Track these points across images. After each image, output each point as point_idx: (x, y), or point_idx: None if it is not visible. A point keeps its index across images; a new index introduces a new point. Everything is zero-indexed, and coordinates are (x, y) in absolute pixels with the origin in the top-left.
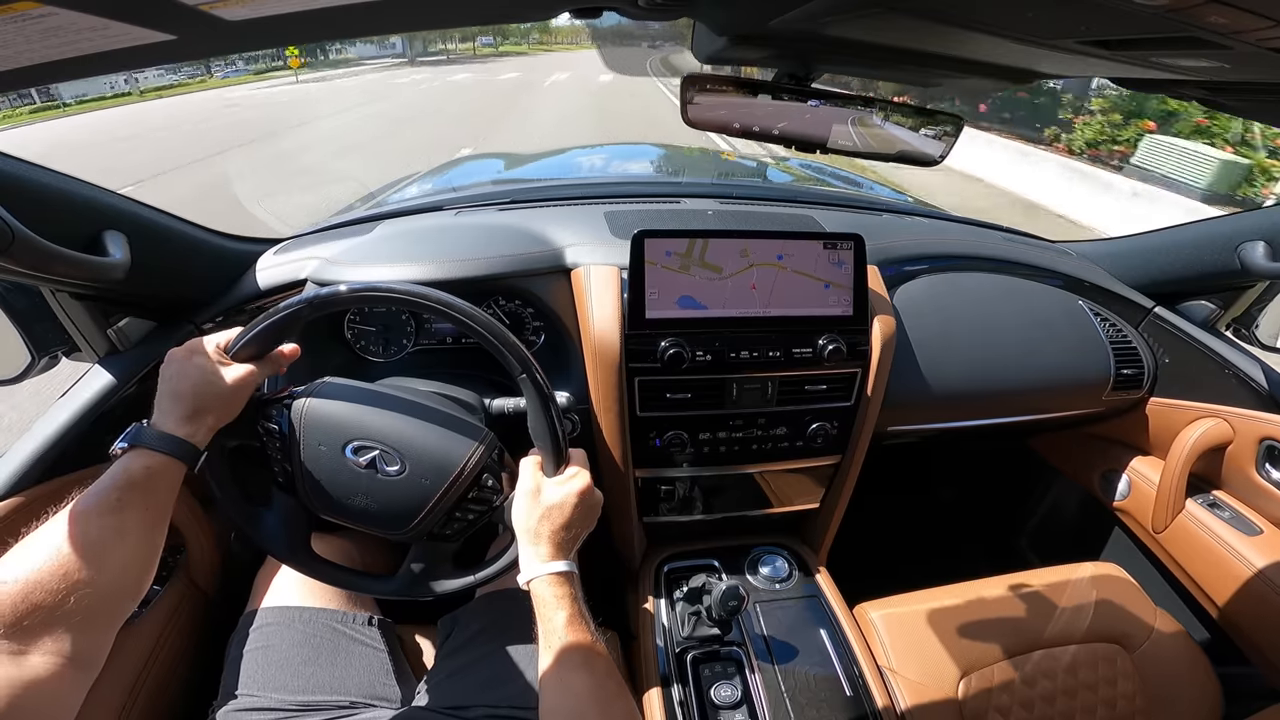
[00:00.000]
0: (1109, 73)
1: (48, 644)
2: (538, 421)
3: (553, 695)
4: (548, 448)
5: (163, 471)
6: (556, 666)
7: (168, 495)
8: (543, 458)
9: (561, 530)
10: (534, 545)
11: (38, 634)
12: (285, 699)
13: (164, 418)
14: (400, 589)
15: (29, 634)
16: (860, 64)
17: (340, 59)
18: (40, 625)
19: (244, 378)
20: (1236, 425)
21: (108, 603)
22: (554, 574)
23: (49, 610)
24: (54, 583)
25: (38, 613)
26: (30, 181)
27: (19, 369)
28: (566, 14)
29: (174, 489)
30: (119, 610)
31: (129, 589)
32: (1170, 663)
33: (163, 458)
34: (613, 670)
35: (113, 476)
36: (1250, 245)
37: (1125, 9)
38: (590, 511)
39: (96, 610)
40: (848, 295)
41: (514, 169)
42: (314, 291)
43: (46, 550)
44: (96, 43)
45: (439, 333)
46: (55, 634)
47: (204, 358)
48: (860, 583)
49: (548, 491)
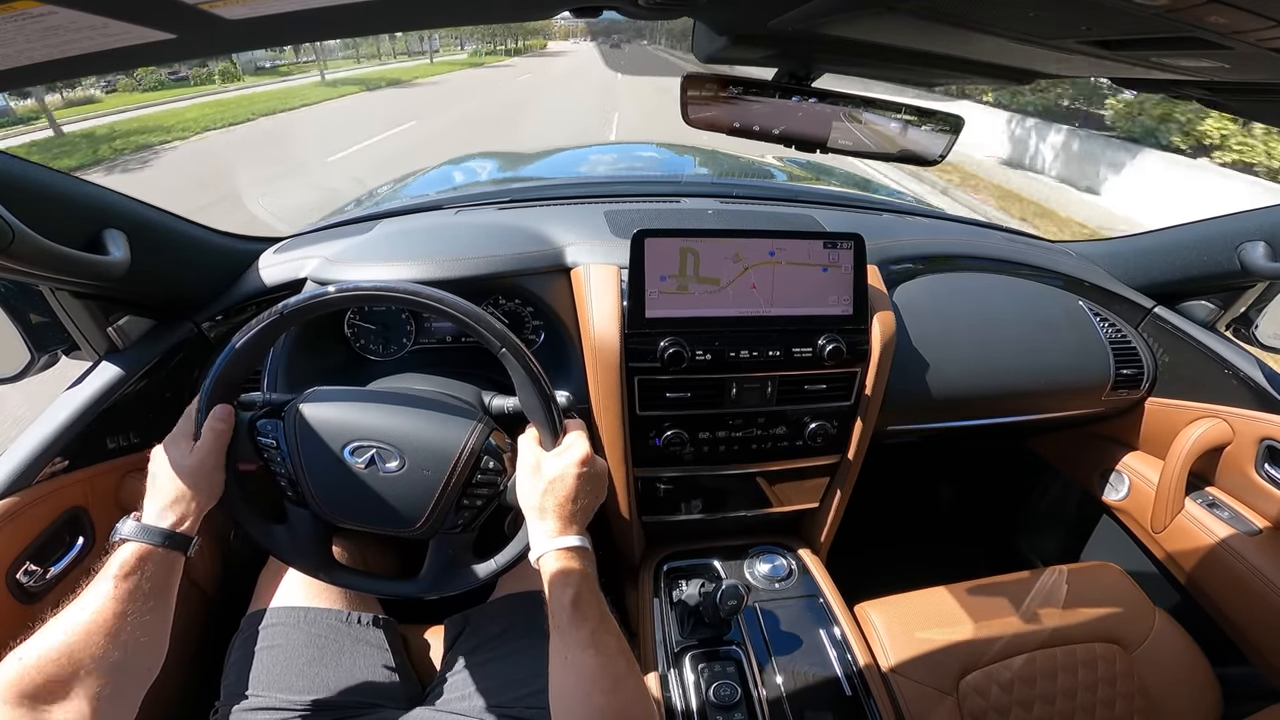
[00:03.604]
0: (1109, 73)
1: (66, 708)
2: (527, 395)
3: (560, 674)
4: (541, 420)
5: (155, 560)
6: (563, 644)
7: (166, 578)
8: (539, 432)
9: (568, 503)
10: (541, 521)
11: (55, 701)
12: (291, 699)
13: (150, 510)
14: (428, 587)
15: (48, 701)
16: (860, 64)
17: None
18: (58, 694)
19: (201, 460)
20: (1236, 425)
21: (118, 675)
22: (563, 549)
23: (63, 683)
24: (63, 661)
25: (51, 684)
26: (30, 180)
27: (18, 367)
28: (567, 12)
29: (173, 571)
30: (132, 680)
31: (139, 661)
32: (1169, 663)
33: (150, 548)
34: (623, 649)
35: (108, 568)
36: (1250, 245)
37: (1126, 9)
38: (594, 480)
39: (107, 681)
40: (848, 295)
41: (514, 168)
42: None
43: (56, 634)
44: (96, 41)
45: (438, 332)
46: (73, 702)
47: (172, 447)
48: (860, 582)
49: (547, 465)
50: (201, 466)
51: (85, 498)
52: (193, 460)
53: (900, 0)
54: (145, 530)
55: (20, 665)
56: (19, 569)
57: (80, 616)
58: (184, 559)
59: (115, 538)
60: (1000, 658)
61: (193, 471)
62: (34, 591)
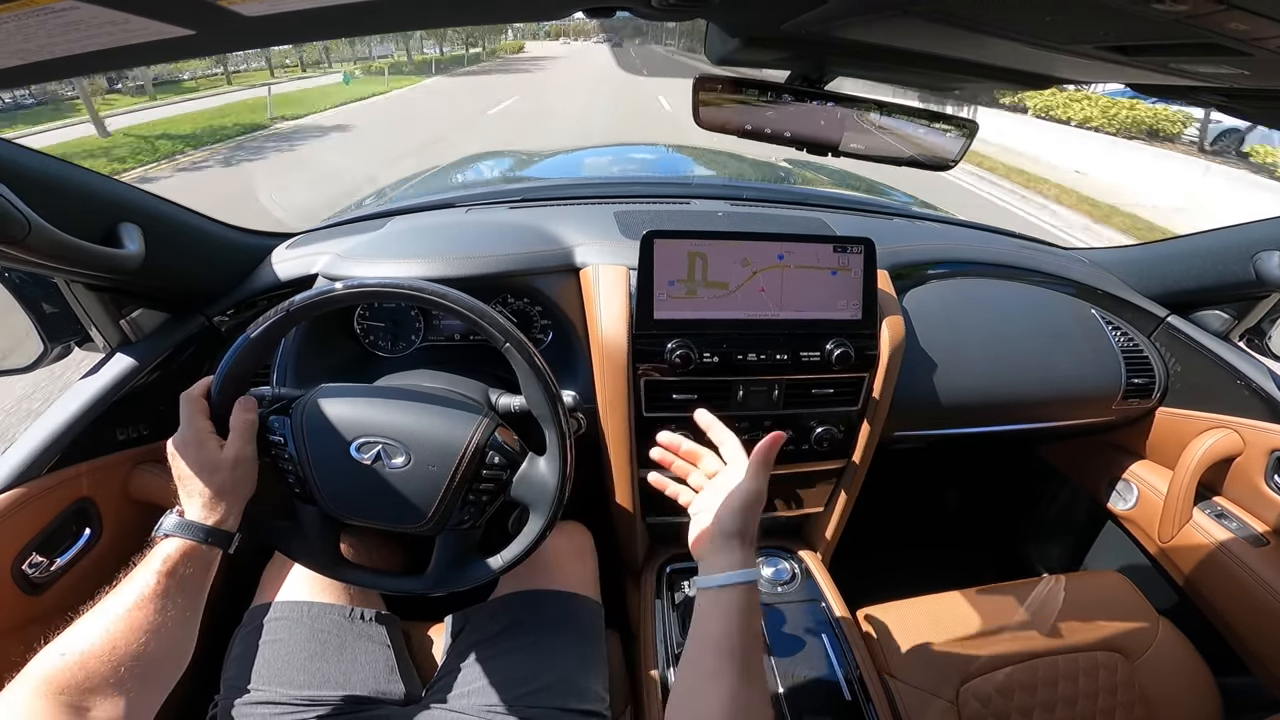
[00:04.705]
0: (1126, 78)
1: (104, 705)
2: (532, 392)
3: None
4: (544, 410)
5: (198, 556)
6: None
7: (204, 574)
8: (544, 429)
9: (753, 527)
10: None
11: (94, 697)
12: (292, 694)
13: (190, 508)
14: (433, 584)
15: (87, 696)
16: (874, 68)
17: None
18: (98, 690)
19: (239, 451)
20: (1247, 436)
21: (154, 669)
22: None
23: (103, 678)
24: (104, 655)
25: (92, 679)
26: (47, 173)
27: (32, 358)
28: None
29: (210, 568)
30: (166, 676)
31: (174, 656)
32: (1171, 672)
33: (195, 545)
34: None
35: (150, 562)
36: (1266, 255)
37: (1144, 15)
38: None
39: (145, 677)
40: (857, 299)
41: (525, 167)
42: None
43: (97, 628)
44: (116, 37)
45: (447, 329)
46: (111, 697)
47: (198, 448)
48: (863, 587)
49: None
50: (239, 459)
51: (93, 489)
52: (229, 454)
53: (914, 4)
54: (189, 526)
55: (63, 660)
56: (25, 559)
57: (121, 611)
58: (221, 555)
59: (158, 533)
60: (1001, 665)
61: (232, 466)
62: (39, 583)
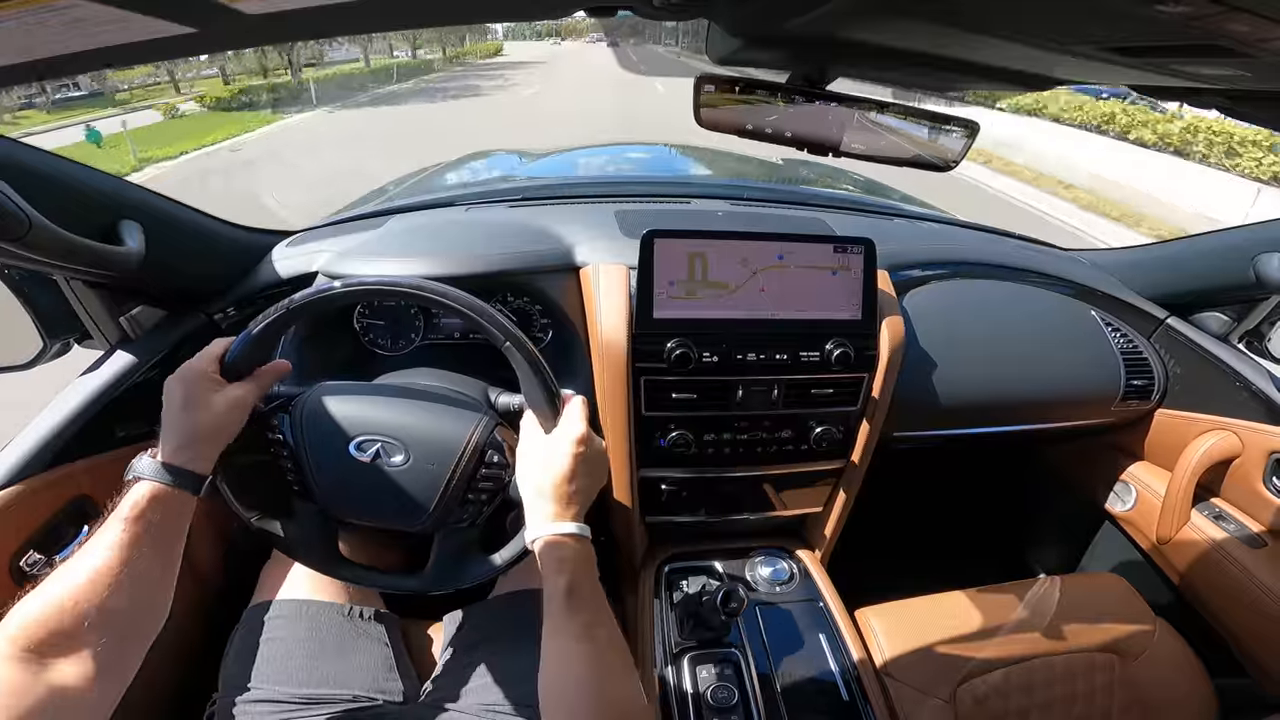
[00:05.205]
0: (1128, 80)
1: (71, 660)
2: (530, 388)
3: (551, 665)
4: (543, 408)
5: (167, 500)
6: (555, 634)
7: (176, 521)
8: (540, 420)
9: (564, 483)
10: (538, 501)
11: (60, 653)
12: (290, 692)
13: (163, 447)
14: (432, 583)
15: (53, 654)
16: (876, 68)
17: None
18: (62, 647)
19: (238, 397)
20: (1245, 438)
21: (123, 623)
22: (559, 535)
23: (67, 634)
24: (68, 609)
25: (56, 636)
26: (48, 170)
27: (31, 355)
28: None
29: (183, 514)
30: (137, 631)
31: (147, 609)
32: (1168, 673)
33: (164, 487)
34: (617, 642)
35: (119, 509)
36: (1266, 257)
37: (1147, 16)
38: (591, 461)
39: (114, 630)
40: (857, 299)
41: (525, 166)
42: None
43: (63, 582)
44: (118, 35)
45: (447, 328)
46: (77, 652)
47: (196, 385)
48: (861, 587)
49: (544, 445)
50: (240, 404)
51: (92, 486)
52: (235, 392)
53: (917, 5)
54: (159, 468)
55: (25, 618)
56: (23, 556)
57: (86, 563)
58: (195, 502)
59: (130, 475)
60: (998, 665)
61: (228, 406)
62: (37, 579)
